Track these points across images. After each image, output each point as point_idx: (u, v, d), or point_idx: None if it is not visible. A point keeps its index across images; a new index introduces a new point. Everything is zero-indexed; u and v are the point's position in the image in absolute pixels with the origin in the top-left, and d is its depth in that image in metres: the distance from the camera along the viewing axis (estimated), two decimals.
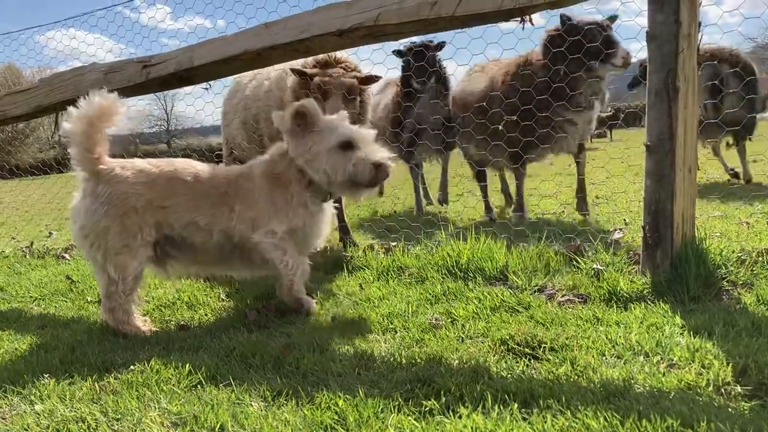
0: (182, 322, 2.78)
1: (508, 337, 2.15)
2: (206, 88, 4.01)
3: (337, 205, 4.45)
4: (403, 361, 2.07)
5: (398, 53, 5.97)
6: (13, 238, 7.01)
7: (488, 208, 5.83)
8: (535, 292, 2.76)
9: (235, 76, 4.53)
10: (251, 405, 1.83)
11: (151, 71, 3.72)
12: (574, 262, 2.99)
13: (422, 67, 5.72)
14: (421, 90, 5.92)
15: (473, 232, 3.55)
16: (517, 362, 1.99)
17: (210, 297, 3.10)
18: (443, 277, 3.02)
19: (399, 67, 6.08)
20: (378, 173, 2.59)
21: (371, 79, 3.82)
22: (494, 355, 2.05)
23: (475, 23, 2.97)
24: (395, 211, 6.50)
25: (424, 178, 6.75)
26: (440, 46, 5.88)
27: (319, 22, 3.18)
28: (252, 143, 4.59)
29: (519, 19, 2.86)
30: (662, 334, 2.11)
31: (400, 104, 5.99)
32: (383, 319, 2.52)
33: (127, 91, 3.93)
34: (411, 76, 5.82)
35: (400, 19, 2.99)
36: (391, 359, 2.09)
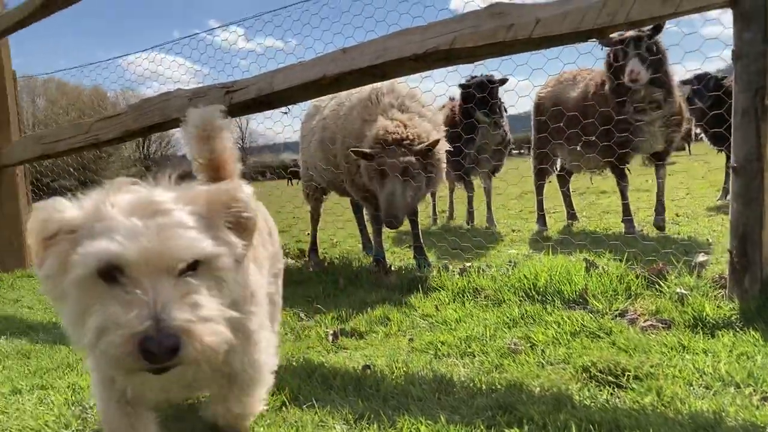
0: None
1: (590, 364, 2.12)
2: (285, 112, 4.13)
3: (413, 218, 4.55)
4: (483, 386, 2.07)
5: (463, 86, 6.37)
6: None
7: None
8: (616, 316, 2.71)
9: (312, 100, 4.67)
10: (334, 428, 1.87)
11: (234, 96, 3.86)
12: (657, 286, 2.92)
13: (484, 99, 5.95)
14: (483, 121, 6.14)
15: (550, 252, 3.52)
16: (601, 390, 1.96)
17: (290, 317, 3.17)
18: (520, 300, 3.00)
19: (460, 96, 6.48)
20: (158, 347, 1.13)
21: (433, 145, 3.90)
22: (576, 383, 2.03)
23: (551, 45, 2.96)
24: (465, 229, 6.49)
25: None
26: (503, 81, 6.12)
27: (395, 46, 3.23)
28: (328, 164, 4.70)
29: (597, 39, 2.84)
30: (754, 364, 2.03)
31: (460, 135, 6.11)
32: (461, 343, 2.52)
33: None
34: (473, 108, 6.05)
35: (476, 43, 3.01)
36: (471, 384, 2.09)
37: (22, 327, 3.55)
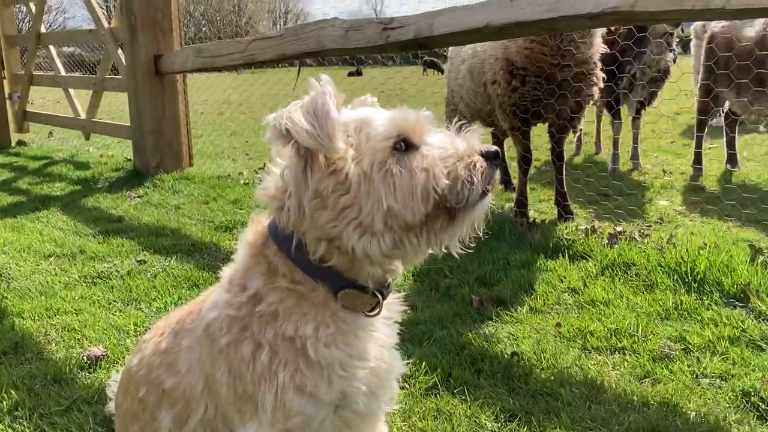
0: (408, 295, 2.97)
1: (751, 391, 2.06)
2: (357, 74, 4.02)
3: (560, 163, 4.41)
4: (635, 398, 2.08)
5: None
6: (247, 155, 7.73)
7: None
8: None
9: None
10: (486, 426, 1.96)
11: (391, 35, 3.79)
12: None
13: None
14: (662, 33, 5.50)
15: (714, 233, 3.34)
16: (763, 425, 1.92)
17: (435, 272, 3.25)
18: (675, 286, 2.90)
19: None
20: (491, 172, 1.24)
21: None
22: (735, 413, 1.98)
23: (750, 17, 2.67)
24: (598, 172, 6.19)
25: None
26: None
27: (570, 1, 3.02)
28: (477, 93, 4.58)
29: None
30: None
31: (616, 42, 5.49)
32: (611, 335, 2.51)
33: (364, 51, 4.09)
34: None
35: (660, 7, 2.75)
36: (622, 395, 2.11)
37: (187, 245, 3.87)
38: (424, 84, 16.83)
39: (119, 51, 6.28)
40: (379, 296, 1.30)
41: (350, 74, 25.34)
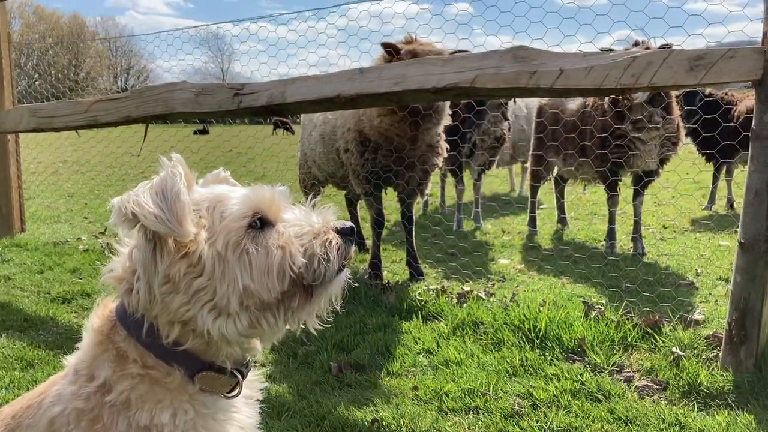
0: (264, 365, 2.90)
1: None
2: (203, 132, 4.07)
3: (409, 227, 4.58)
4: None
5: None
6: (86, 218, 7.28)
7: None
8: (613, 372, 2.80)
9: None
10: None
11: (243, 100, 3.80)
12: (652, 339, 3.02)
13: None
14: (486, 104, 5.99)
15: (551, 290, 3.58)
16: None
17: (293, 340, 3.21)
18: (520, 343, 3.08)
19: None
20: (347, 248, 1.27)
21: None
22: None
23: (574, 95, 2.97)
24: (454, 231, 6.52)
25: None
26: None
27: (415, 76, 3.20)
28: (330, 158, 4.68)
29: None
30: None
31: (458, 114, 5.98)
32: (464, 395, 2.60)
33: (216, 115, 4.05)
34: None
35: (497, 85, 3.00)
36: None
37: (19, 321, 3.55)
38: (273, 143, 16.87)
39: None
40: (239, 376, 1.27)
41: (196, 132, 24.88)
